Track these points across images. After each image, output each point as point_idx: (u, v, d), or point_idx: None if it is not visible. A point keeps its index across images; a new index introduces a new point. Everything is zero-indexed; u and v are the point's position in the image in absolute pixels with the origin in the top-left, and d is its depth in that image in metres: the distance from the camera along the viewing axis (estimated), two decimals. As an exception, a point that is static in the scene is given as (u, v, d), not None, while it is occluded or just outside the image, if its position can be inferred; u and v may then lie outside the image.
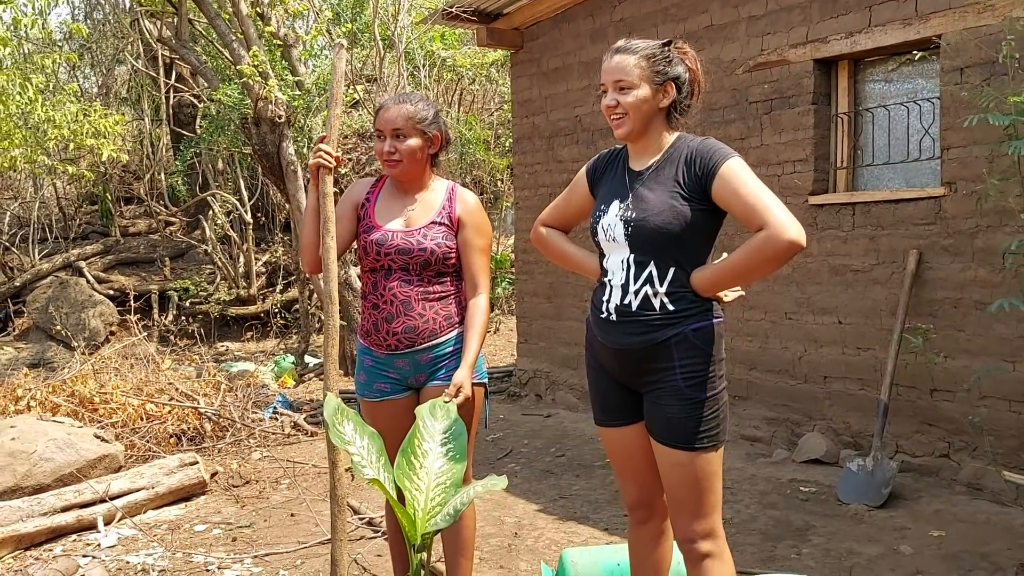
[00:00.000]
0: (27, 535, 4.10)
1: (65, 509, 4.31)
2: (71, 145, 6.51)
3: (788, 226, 2.19)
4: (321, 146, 2.79)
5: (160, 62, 13.05)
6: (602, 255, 2.51)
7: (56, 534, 4.24)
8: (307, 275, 6.53)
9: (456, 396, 2.72)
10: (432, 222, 2.86)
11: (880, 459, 4.42)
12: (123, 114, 7.85)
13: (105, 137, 6.66)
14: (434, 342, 2.84)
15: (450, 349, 2.86)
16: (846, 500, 4.36)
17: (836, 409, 5.05)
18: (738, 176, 2.28)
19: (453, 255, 2.86)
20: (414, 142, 2.83)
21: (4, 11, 5.85)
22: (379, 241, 2.83)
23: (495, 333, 10.96)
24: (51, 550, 4.12)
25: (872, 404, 4.76)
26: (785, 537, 3.96)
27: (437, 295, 2.85)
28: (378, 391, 2.90)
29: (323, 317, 2.77)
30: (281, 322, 12.22)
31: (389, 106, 2.87)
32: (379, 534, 4.11)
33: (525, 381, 7.48)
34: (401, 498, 2.55)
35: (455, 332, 2.87)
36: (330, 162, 2.78)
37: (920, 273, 4.63)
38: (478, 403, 2.92)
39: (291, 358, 9.59)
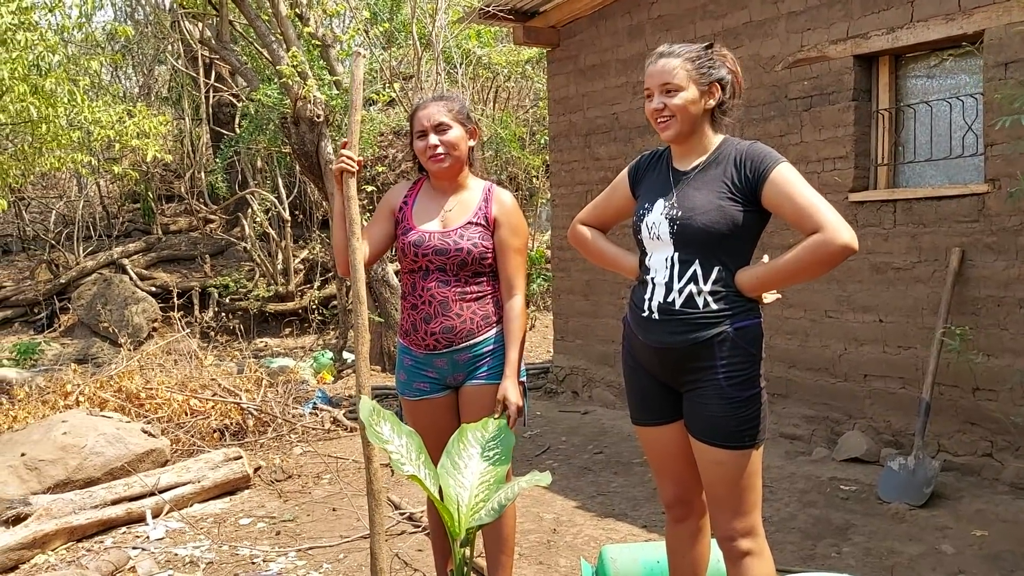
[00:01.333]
0: (79, 527, 4.23)
1: (115, 502, 4.43)
2: (116, 146, 6.64)
3: (842, 230, 2.23)
4: (343, 151, 2.82)
5: (200, 62, 13.26)
6: (644, 253, 2.53)
7: (106, 526, 4.36)
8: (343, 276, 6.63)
9: (504, 410, 2.78)
10: (469, 222, 2.89)
11: (922, 458, 4.39)
12: (165, 114, 8.00)
13: (149, 137, 6.78)
14: (472, 341, 2.88)
15: (488, 348, 2.90)
16: (887, 499, 4.34)
17: (877, 408, 5.02)
18: (790, 181, 2.31)
19: (490, 255, 2.89)
20: (456, 133, 2.88)
21: (51, 16, 6.00)
22: (416, 242, 2.88)
23: (531, 330, 10.99)
24: (102, 542, 4.24)
25: (913, 403, 4.72)
26: (825, 536, 3.95)
27: (474, 295, 2.89)
28: (418, 390, 2.96)
29: (353, 318, 2.81)
30: (319, 318, 12.36)
31: (427, 104, 2.93)
32: (420, 529, 4.17)
33: (562, 378, 7.51)
34: (441, 495, 2.59)
35: (493, 331, 2.91)
36: (352, 166, 2.82)
37: (963, 271, 4.58)
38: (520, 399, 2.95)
39: (329, 354, 9.70)
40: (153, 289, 12.93)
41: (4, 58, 5.06)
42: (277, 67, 8.17)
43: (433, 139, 2.86)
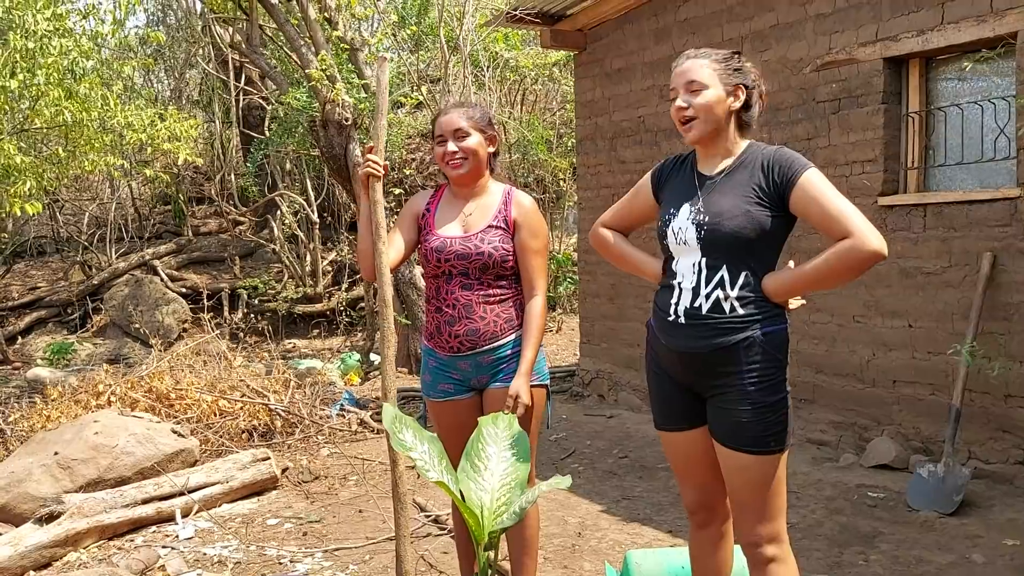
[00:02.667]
0: (110, 526, 4.29)
1: (145, 501, 4.49)
2: (148, 149, 6.74)
3: (871, 236, 2.23)
4: (370, 156, 2.85)
5: (230, 66, 13.41)
6: (670, 258, 2.53)
7: (137, 525, 4.42)
8: (369, 281, 6.69)
9: (515, 408, 2.80)
10: (489, 226, 2.92)
11: (952, 465, 4.34)
12: (195, 117, 8.11)
13: (180, 140, 6.88)
14: (495, 344, 2.91)
15: (511, 351, 2.93)
16: (916, 507, 4.29)
17: (905, 414, 4.96)
18: (818, 187, 2.30)
19: (511, 258, 2.92)
20: (475, 139, 2.91)
21: (86, 21, 6.09)
22: (438, 248, 2.91)
23: (557, 332, 10.99)
24: (132, 541, 4.30)
25: (943, 409, 4.66)
26: (852, 543, 3.92)
27: (497, 298, 2.92)
28: (442, 391, 2.99)
29: (379, 322, 2.82)
30: (347, 320, 12.44)
31: (447, 110, 2.97)
32: (446, 531, 4.19)
33: (588, 381, 7.51)
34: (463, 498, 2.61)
35: (515, 334, 2.94)
36: (379, 170, 2.84)
37: (994, 276, 4.52)
38: (540, 404, 2.98)
39: (357, 356, 9.76)
40: (183, 290, 13.09)
41: (40, 63, 5.16)
42: (306, 71, 8.23)
43: (451, 145, 2.90)
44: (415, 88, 9.09)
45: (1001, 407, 4.51)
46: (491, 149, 2.99)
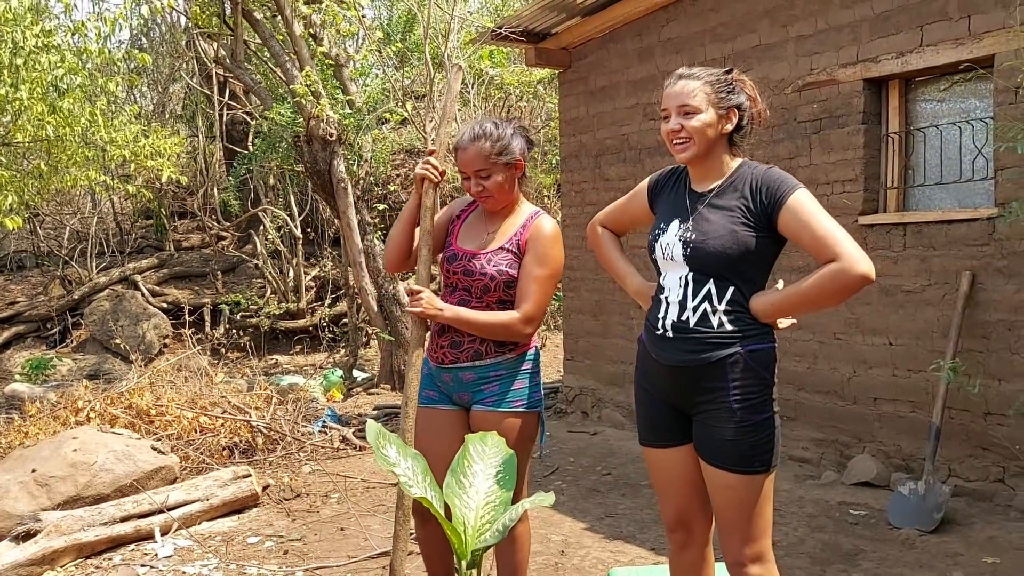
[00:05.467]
0: (88, 544, 4.24)
1: (124, 519, 4.44)
2: (132, 165, 6.72)
3: (860, 260, 2.24)
4: (430, 159, 2.83)
5: (214, 80, 13.40)
6: (659, 272, 2.55)
7: (115, 543, 4.37)
8: (386, 271, 6.71)
9: (416, 299, 2.78)
10: (501, 247, 2.85)
11: (932, 483, 4.36)
12: (178, 132, 8.09)
13: (163, 157, 6.86)
14: (478, 363, 2.85)
15: (497, 373, 2.85)
16: (897, 524, 4.31)
17: (886, 431, 5.00)
18: (807, 208, 2.32)
19: (516, 283, 2.83)
20: (499, 177, 2.81)
21: (73, 38, 6.08)
22: (449, 259, 2.91)
23: (541, 348, 10.98)
24: (110, 559, 4.25)
25: (923, 427, 4.70)
26: (834, 561, 3.93)
27: None
28: (427, 398, 2.96)
29: (410, 330, 2.86)
30: (329, 336, 12.39)
31: (466, 146, 2.82)
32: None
33: (572, 398, 7.51)
34: (448, 516, 2.59)
35: (503, 356, 2.86)
36: (436, 176, 2.82)
37: (973, 295, 4.57)
38: (530, 429, 2.91)
39: (339, 372, 9.73)
40: (165, 305, 13.01)
41: (24, 78, 5.14)
42: (291, 86, 8.25)
43: (475, 184, 2.83)
44: (400, 104, 9.11)
45: (981, 424, 4.55)
46: (518, 175, 2.88)
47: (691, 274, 2.42)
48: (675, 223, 2.48)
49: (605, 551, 4.18)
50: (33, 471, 4.66)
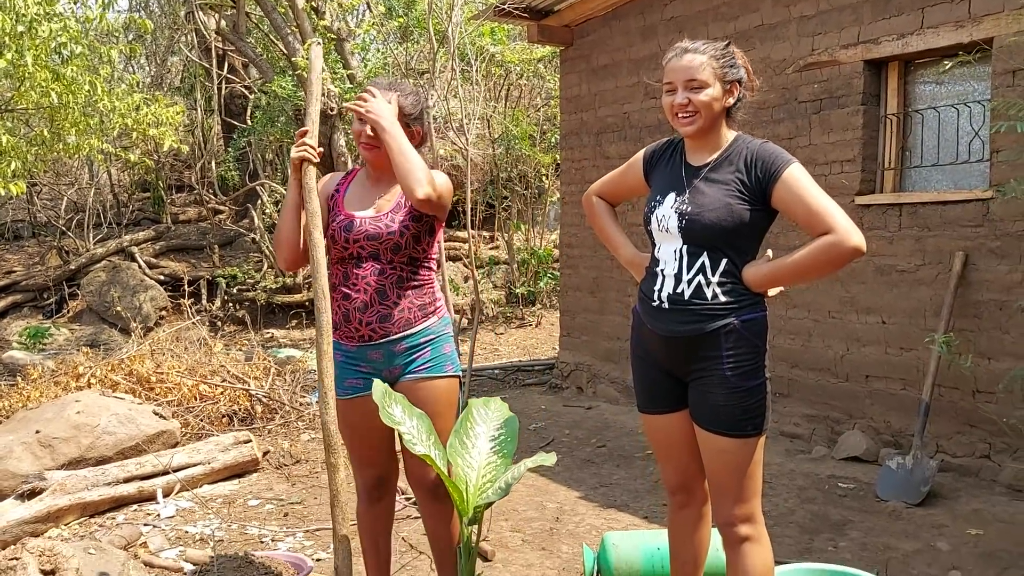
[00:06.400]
0: (92, 503, 4.31)
1: (127, 480, 4.51)
2: (134, 134, 6.73)
3: (852, 233, 2.31)
4: (305, 140, 2.71)
5: (213, 53, 13.35)
6: (654, 244, 2.61)
7: (118, 504, 4.45)
8: (285, 270, 6.52)
9: (359, 101, 2.71)
10: (397, 204, 2.80)
11: (920, 458, 4.46)
12: (178, 103, 8.08)
13: (164, 126, 6.86)
14: (408, 332, 2.79)
15: (425, 339, 2.81)
16: (885, 497, 4.41)
17: (877, 408, 5.09)
18: (800, 183, 2.37)
19: (423, 237, 2.79)
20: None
21: (75, 6, 6.08)
22: (346, 227, 2.76)
23: (536, 327, 11.07)
24: (114, 518, 4.33)
25: (914, 404, 4.79)
26: (822, 531, 4.03)
27: (412, 284, 2.80)
28: (350, 387, 2.80)
29: (315, 314, 2.65)
30: (326, 311, 12.43)
31: (379, 89, 2.80)
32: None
33: (567, 374, 7.59)
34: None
35: (429, 322, 2.83)
36: (314, 156, 2.72)
37: (966, 275, 4.65)
38: (456, 393, 2.90)
39: (336, 346, 9.76)
40: (161, 278, 13.03)
41: (28, 45, 5.15)
42: (292, 59, 8.26)
43: (369, 129, 2.75)
44: (402, 80, 9.12)
45: (969, 402, 4.64)
46: (412, 144, 2.78)
47: (685, 247, 2.48)
48: (671, 196, 2.53)
49: (599, 518, 4.27)
50: (37, 432, 4.72)
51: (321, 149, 2.82)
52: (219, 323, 12.31)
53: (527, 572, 3.62)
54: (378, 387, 2.63)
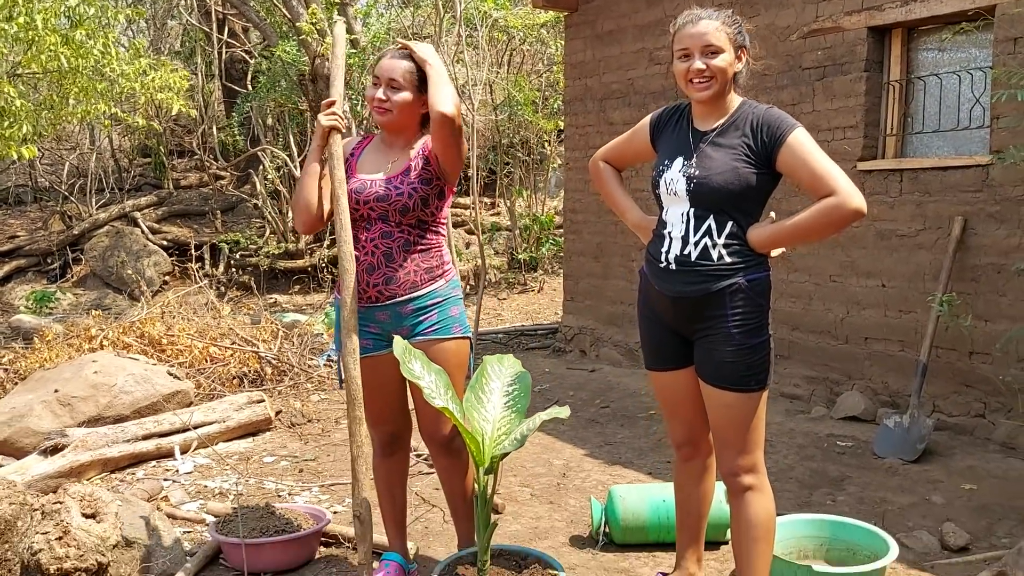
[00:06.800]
0: (112, 459, 4.44)
1: (146, 437, 4.64)
2: (142, 99, 6.78)
3: (853, 195, 2.41)
4: (334, 109, 2.83)
5: (213, 18, 13.31)
6: (661, 208, 2.70)
7: (137, 460, 4.58)
8: (302, 234, 6.62)
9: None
10: (407, 167, 2.88)
11: (916, 416, 4.59)
12: (184, 69, 8.11)
13: (171, 90, 6.91)
14: (415, 294, 2.88)
15: (432, 302, 2.91)
16: (881, 454, 4.54)
17: (875, 369, 5.21)
18: (804, 146, 2.47)
19: (432, 200, 2.89)
20: (406, 95, 2.86)
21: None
22: (357, 189, 2.85)
23: (539, 292, 11.18)
24: (134, 474, 4.46)
25: (911, 365, 4.91)
26: (821, 486, 4.16)
27: (419, 247, 2.89)
28: (360, 348, 2.86)
29: (340, 273, 2.78)
30: (328, 277, 12.54)
31: (393, 56, 2.90)
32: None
33: (570, 337, 7.71)
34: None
35: (436, 285, 2.92)
36: (341, 124, 2.83)
37: (965, 239, 4.74)
38: (466, 354, 3.01)
39: (341, 310, 9.86)
40: (164, 243, 13.11)
41: (39, 8, 5.19)
42: (296, 24, 8.28)
43: (381, 92, 2.85)
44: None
45: (965, 363, 4.76)
46: (423, 111, 2.90)
47: (692, 210, 2.57)
48: (679, 160, 2.62)
49: (605, 474, 4.40)
50: (56, 391, 4.84)
51: (346, 120, 2.93)
52: (223, 288, 12.40)
53: (536, 523, 3.76)
54: (399, 343, 2.73)
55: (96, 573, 2.47)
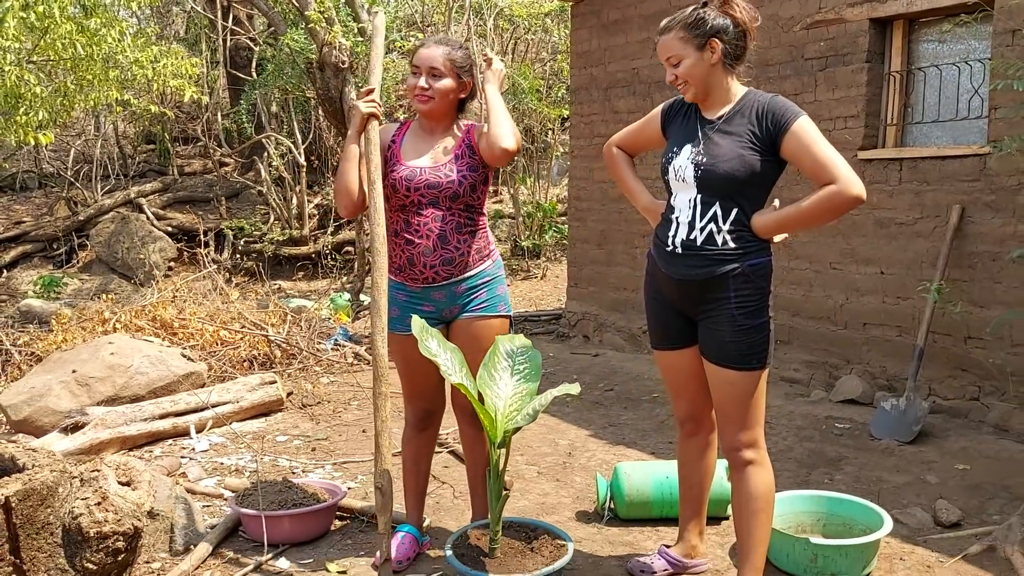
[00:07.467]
0: (131, 437, 4.57)
1: (162, 416, 4.76)
2: (155, 86, 6.88)
3: (854, 183, 2.52)
4: (373, 97, 2.97)
5: (218, 5, 13.38)
6: (670, 193, 2.82)
7: (154, 438, 4.71)
8: (345, 218, 6.79)
9: (490, 62, 3.04)
10: (455, 155, 3.02)
11: (913, 399, 4.71)
12: (193, 56, 8.20)
13: (182, 77, 7.01)
14: (468, 274, 3.05)
15: (482, 281, 3.08)
16: (878, 436, 4.67)
17: (873, 354, 5.34)
18: (808, 134, 2.58)
19: (479, 186, 3.04)
20: (448, 83, 2.99)
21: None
22: (407, 177, 2.98)
23: (542, 279, 11.30)
24: (151, 451, 4.58)
25: (908, 350, 5.03)
26: (819, 465, 4.29)
27: (469, 229, 3.04)
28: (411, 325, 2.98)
29: (372, 255, 2.94)
30: (332, 263, 12.66)
31: (430, 45, 3.03)
32: (444, 450, 4.51)
33: (574, 323, 7.83)
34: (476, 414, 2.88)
35: (484, 264, 3.09)
36: (380, 111, 2.99)
37: (962, 227, 4.86)
38: (504, 333, 3.15)
39: (347, 296, 10.00)
40: (169, 229, 13.22)
41: (55, -4, 5.29)
42: (304, 12, 8.36)
43: (423, 81, 2.97)
44: (405, 36, 9.22)
45: (961, 348, 4.88)
46: (462, 95, 3.06)
47: (699, 196, 2.69)
48: (687, 147, 2.74)
49: (609, 454, 4.53)
50: (73, 372, 4.96)
51: (383, 107, 3.05)
52: (229, 274, 12.52)
53: (544, 500, 3.89)
54: (416, 322, 2.85)
55: (132, 537, 2.60)
